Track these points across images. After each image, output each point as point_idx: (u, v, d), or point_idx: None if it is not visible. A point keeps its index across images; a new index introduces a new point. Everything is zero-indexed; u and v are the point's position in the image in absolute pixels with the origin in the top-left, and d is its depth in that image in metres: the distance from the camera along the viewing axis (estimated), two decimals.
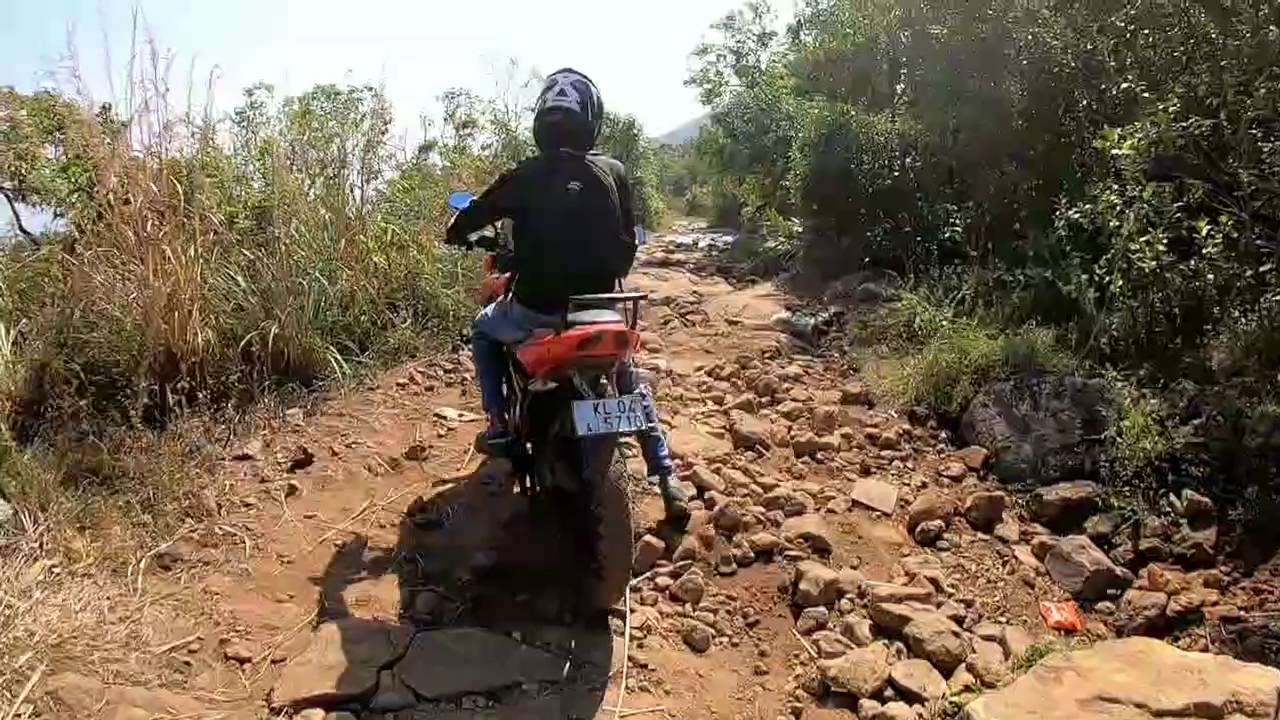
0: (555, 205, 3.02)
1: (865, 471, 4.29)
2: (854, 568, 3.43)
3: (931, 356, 5.11)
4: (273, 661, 2.66)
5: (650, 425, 3.05)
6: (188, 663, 2.59)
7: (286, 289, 4.74)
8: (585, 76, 3.19)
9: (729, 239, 13.35)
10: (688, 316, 7.55)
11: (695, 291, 8.72)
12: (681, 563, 3.28)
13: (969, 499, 3.92)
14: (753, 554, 3.39)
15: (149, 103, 4.29)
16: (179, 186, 4.27)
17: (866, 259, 7.97)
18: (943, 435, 4.69)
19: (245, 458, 3.88)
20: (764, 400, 5.18)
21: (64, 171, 4.81)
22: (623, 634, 2.85)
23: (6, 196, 5.99)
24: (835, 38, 10.50)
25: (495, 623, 2.91)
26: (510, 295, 3.27)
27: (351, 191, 5.84)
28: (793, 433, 4.65)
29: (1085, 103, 5.96)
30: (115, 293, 4.12)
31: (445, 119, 9.66)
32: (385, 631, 2.77)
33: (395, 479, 4.00)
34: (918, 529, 3.72)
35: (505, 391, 3.58)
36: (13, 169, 5.93)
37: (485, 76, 19.21)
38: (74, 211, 4.75)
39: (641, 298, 3.11)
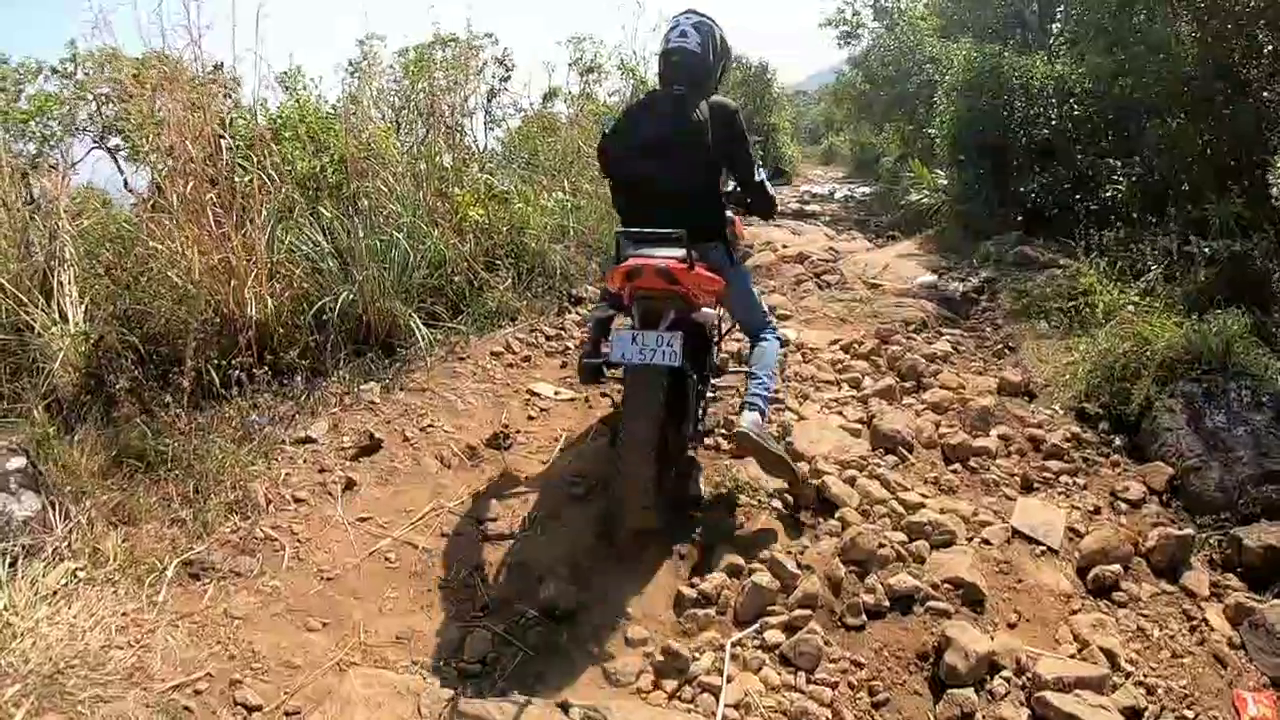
0: (636, 137, 3.09)
1: (1027, 487, 3.48)
2: (1011, 626, 2.70)
3: (1105, 343, 4.18)
4: (285, 714, 2.20)
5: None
6: (189, 708, 2.17)
7: (366, 249, 4.29)
8: (708, 17, 3.22)
9: (867, 190, 12.41)
10: (823, 276, 6.72)
11: (831, 248, 7.82)
12: (799, 612, 2.58)
13: (1152, 535, 3.11)
14: (888, 602, 2.66)
15: (184, 52, 3.91)
16: (225, 143, 3.84)
17: (1020, 217, 7.04)
18: (1117, 443, 3.82)
19: (308, 441, 3.47)
20: (908, 385, 4.35)
21: (139, 129, 4.52)
22: (714, 717, 2.20)
23: (110, 153, 5.87)
24: None
25: (555, 683, 2.34)
26: None
27: (439, 141, 5.30)
28: (941, 430, 3.82)
29: (1270, 47, 5.20)
30: (178, 260, 3.78)
31: (570, 64, 9.06)
32: (415, 695, 2.23)
33: (470, 473, 3.49)
34: (1090, 575, 2.95)
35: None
36: (120, 127, 5.78)
37: (611, 20, 18.62)
38: (153, 171, 4.46)
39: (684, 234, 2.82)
